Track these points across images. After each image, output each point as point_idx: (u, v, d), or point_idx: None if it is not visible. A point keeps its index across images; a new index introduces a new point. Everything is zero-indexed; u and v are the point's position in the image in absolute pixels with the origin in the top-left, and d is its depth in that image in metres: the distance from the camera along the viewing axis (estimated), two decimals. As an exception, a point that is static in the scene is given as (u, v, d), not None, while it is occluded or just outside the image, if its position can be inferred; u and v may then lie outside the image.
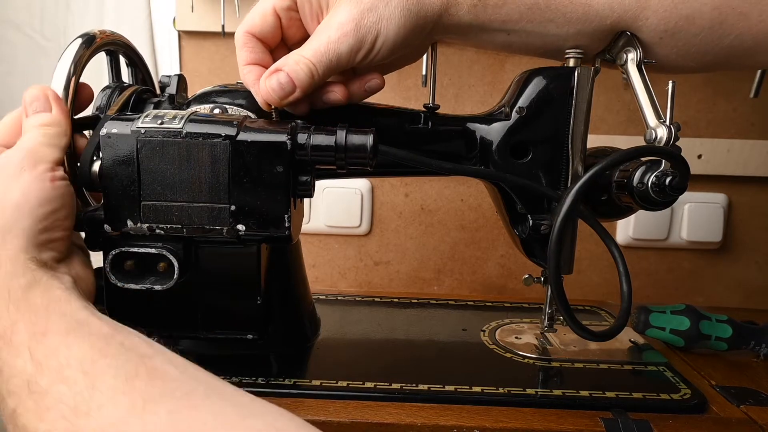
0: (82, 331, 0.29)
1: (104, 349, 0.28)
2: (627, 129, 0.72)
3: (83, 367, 0.27)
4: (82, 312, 0.31)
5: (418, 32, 0.40)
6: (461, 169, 0.47)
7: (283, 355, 0.50)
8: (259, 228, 0.38)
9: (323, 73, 0.39)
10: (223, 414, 0.26)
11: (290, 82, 0.38)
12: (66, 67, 0.40)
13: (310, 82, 0.38)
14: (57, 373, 0.27)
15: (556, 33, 0.41)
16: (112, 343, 0.29)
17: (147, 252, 0.38)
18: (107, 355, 0.28)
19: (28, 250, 0.32)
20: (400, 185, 0.75)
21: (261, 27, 0.40)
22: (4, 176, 0.34)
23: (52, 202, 0.34)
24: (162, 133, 0.37)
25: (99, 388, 0.26)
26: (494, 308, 0.64)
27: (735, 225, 0.75)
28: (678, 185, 0.40)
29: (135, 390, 0.26)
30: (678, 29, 0.40)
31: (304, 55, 0.38)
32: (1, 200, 0.33)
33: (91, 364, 0.27)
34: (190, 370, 0.29)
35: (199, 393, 0.27)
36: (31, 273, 0.32)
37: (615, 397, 0.44)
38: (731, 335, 0.52)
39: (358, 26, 0.38)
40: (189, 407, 0.26)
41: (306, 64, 0.38)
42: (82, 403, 0.26)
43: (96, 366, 0.27)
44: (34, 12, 0.74)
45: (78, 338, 0.29)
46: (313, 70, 0.38)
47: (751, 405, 0.45)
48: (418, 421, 0.41)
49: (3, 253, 0.32)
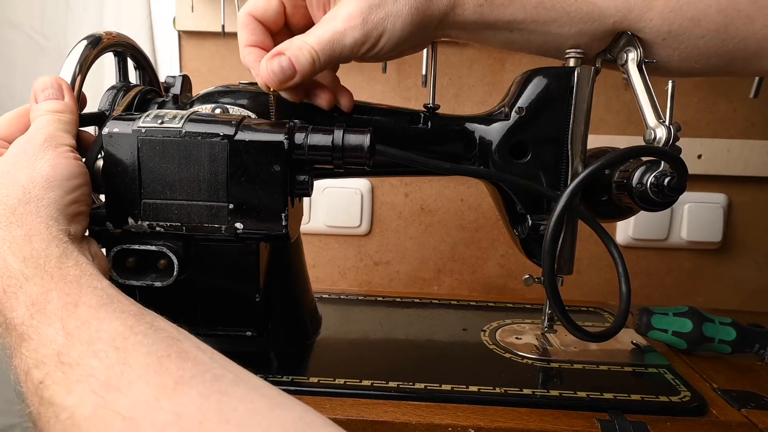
0: (113, 306, 0.29)
1: (135, 326, 0.28)
2: (627, 129, 0.72)
3: (115, 342, 0.26)
4: (111, 288, 0.30)
5: (423, 30, 0.40)
6: (460, 169, 0.47)
7: (283, 352, 0.50)
8: (256, 226, 0.38)
9: (325, 61, 0.39)
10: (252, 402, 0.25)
11: (291, 67, 0.38)
12: (72, 66, 0.41)
13: (311, 69, 0.39)
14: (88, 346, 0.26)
15: (559, 32, 0.41)
16: (142, 321, 0.28)
17: (148, 249, 0.39)
18: (138, 333, 0.27)
19: (59, 221, 0.32)
20: (400, 185, 0.75)
21: (264, 10, 0.41)
22: (29, 153, 0.34)
23: (78, 177, 0.35)
24: (162, 132, 0.37)
25: (130, 364, 0.26)
26: (496, 308, 0.64)
27: (735, 225, 0.75)
28: (677, 186, 0.40)
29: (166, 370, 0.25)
30: (682, 31, 0.40)
31: (308, 41, 0.38)
32: (30, 173, 0.33)
33: (122, 340, 0.27)
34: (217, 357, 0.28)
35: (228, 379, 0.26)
36: (63, 244, 0.31)
37: (613, 398, 0.44)
38: (735, 338, 0.52)
39: (365, 21, 0.38)
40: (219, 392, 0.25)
41: (309, 51, 0.38)
42: (113, 378, 0.25)
43: (127, 342, 0.27)
44: (34, 12, 0.75)
45: (109, 313, 0.28)
46: (315, 58, 0.38)
47: (752, 409, 0.45)
48: (413, 420, 0.41)
49: (36, 221, 0.31)
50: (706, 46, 0.41)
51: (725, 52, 0.41)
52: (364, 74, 0.72)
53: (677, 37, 0.41)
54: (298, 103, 0.43)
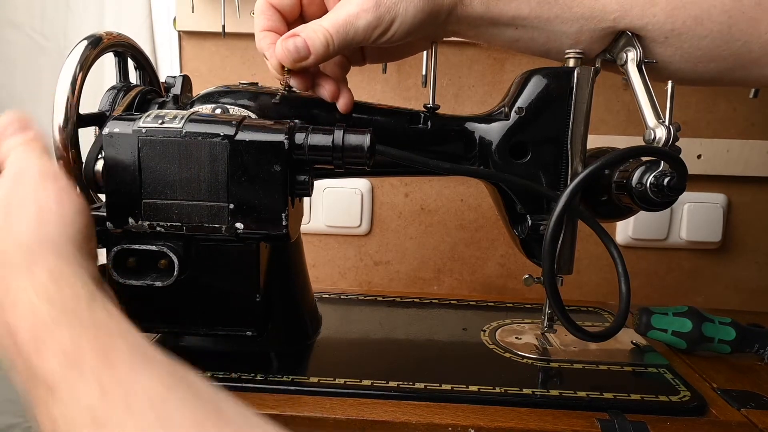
0: (147, 358, 0.26)
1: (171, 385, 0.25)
2: (627, 129, 0.72)
3: (152, 402, 0.24)
4: (139, 335, 0.28)
5: (433, 19, 0.41)
6: (460, 169, 0.47)
7: (283, 352, 0.50)
8: (257, 226, 0.38)
9: (338, 44, 0.40)
10: None
11: (306, 47, 0.39)
12: (72, 66, 0.41)
13: (325, 50, 0.40)
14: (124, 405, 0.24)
15: (560, 29, 0.42)
16: (175, 377, 0.26)
17: (148, 249, 0.39)
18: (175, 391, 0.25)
19: (79, 260, 0.30)
20: (400, 185, 0.75)
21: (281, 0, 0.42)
22: (28, 187, 0.32)
23: (84, 212, 0.32)
24: (162, 132, 0.37)
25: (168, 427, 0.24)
26: (496, 308, 0.64)
27: (734, 225, 0.75)
28: (676, 186, 0.40)
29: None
30: (685, 29, 0.40)
31: (323, 24, 0.40)
32: (37, 210, 0.31)
33: (160, 400, 0.24)
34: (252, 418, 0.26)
35: None
36: (88, 286, 0.28)
37: (613, 398, 0.44)
38: (735, 338, 0.52)
39: (378, 4, 0.39)
40: None
41: (323, 33, 0.39)
42: None
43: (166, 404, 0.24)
44: (34, 12, 0.75)
45: (144, 368, 0.26)
46: (329, 40, 0.39)
47: (752, 408, 0.45)
48: (413, 419, 0.41)
49: (59, 261, 0.29)
50: (708, 47, 0.41)
51: (727, 56, 0.41)
52: (364, 74, 0.72)
53: (680, 35, 0.41)
54: (304, 92, 0.44)
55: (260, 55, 0.43)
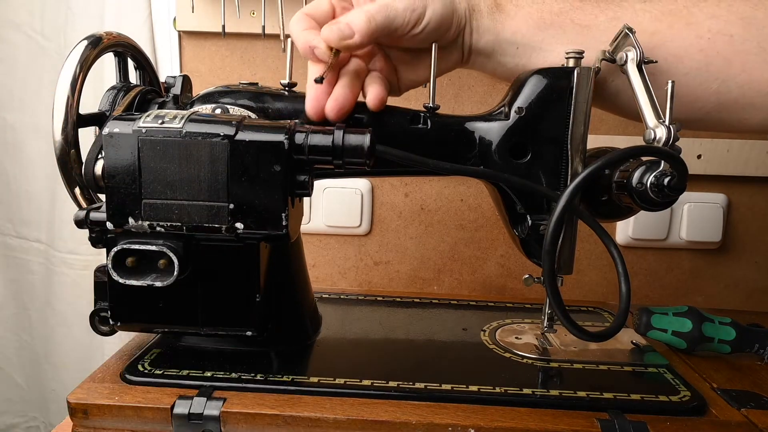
0: None
1: None
2: (627, 129, 0.72)
3: None
4: None
5: (456, 23, 0.44)
6: (460, 169, 0.47)
7: (283, 352, 0.50)
8: (257, 226, 0.38)
9: (381, 23, 0.42)
10: None
11: (349, 27, 0.42)
12: (72, 66, 0.41)
13: (368, 28, 0.42)
14: None
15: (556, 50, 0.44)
16: None
17: (148, 249, 0.39)
18: None
19: None
20: (400, 185, 0.75)
21: (315, 8, 0.45)
22: None
23: None
24: (162, 132, 0.37)
25: None
26: (496, 308, 0.64)
27: (734, 225, 0.75)
28: (676, 186, 0.40)
29: None
30: (666, 66, 0.43)
31: (364, 8, 0.42)
32: None
33: None
34: None
35: None
36: None
37: (613, 398, 0.44)
38: (735, 338, 0.52)
39: None
40: None
41: (365, 13, 0.42)
42: None
43: None
44: (34, 12, 0.75)
45: None
46: (371, 19, 0.42)
47: (752, 408, 0.45)
48: (413, 419, 0.41)
49: None
50: (690, 86, 0.43)
51: (709, 95, 0.43)
52: (364, 74, 0.72)
53: (663, 72, 0.42)
54: None
55: (260, 55, 0.43)
